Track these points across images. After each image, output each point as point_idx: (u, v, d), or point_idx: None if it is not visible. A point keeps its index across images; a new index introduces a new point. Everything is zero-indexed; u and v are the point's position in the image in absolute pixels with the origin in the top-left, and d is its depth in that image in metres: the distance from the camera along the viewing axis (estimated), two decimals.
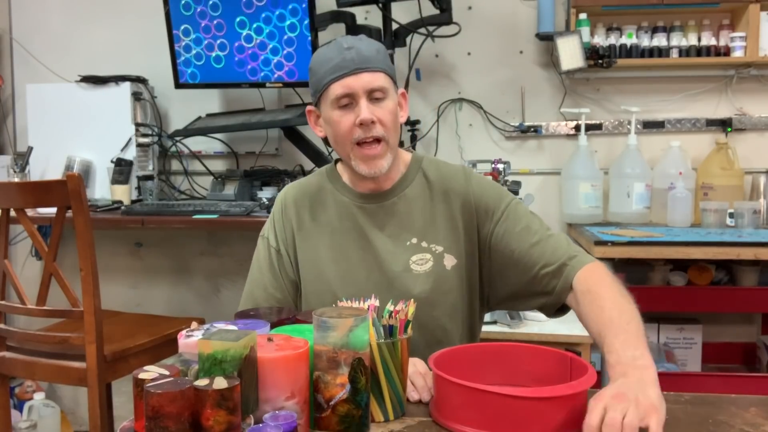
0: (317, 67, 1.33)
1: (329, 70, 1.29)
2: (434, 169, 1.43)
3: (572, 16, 2.57)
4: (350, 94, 1.29)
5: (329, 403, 0.95)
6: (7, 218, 2.03)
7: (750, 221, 2.41)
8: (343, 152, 1.35)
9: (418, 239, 1.37)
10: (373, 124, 1.29)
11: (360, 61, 1.28)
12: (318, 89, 1.33)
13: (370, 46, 1.32)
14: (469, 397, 0.97)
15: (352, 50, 1.29)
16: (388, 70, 1.33)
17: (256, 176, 2.71)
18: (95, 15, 2.99)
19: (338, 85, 1.29)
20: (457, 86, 2.79)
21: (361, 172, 1.33)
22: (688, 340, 2.55)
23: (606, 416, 0.92)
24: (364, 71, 1.29)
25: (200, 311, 2.92)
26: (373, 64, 1.30)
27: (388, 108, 1.31)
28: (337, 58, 1.29)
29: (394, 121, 1.33)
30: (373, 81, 1.29)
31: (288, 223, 1.43)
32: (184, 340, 0.95)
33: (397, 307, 1.07)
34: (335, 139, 1.34)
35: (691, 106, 2.71)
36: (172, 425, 0.77)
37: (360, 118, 1.28)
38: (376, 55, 1.31)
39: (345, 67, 1.28)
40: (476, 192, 1.39)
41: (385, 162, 1.33)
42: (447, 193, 1.40)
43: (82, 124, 2.75)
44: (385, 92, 1.31)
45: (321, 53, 1.34)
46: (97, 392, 1.88)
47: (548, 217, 2.75)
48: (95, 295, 1.88)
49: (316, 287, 1.39)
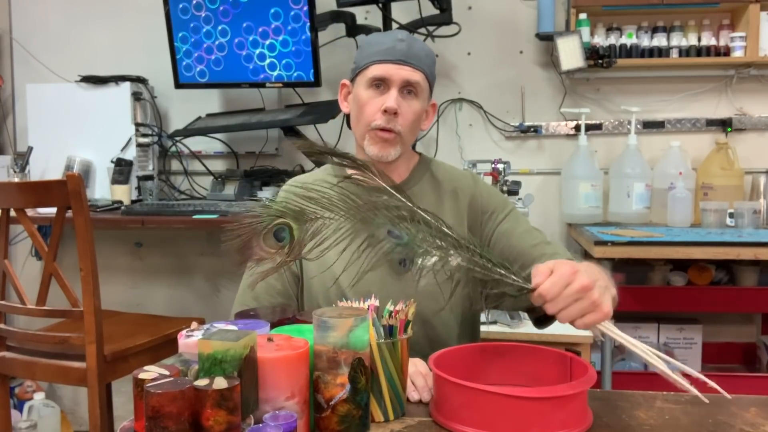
0: (367, 45, 1.38)
1: (376, 52, 1.34)
2: (443, 169, 1.49)
3: (572, 16, 2.57)
4: (385, 79, 1.33)
5: (329, 403, 0.95)
6: (7, 218, 2.03)
7: (750, 221, 2.41)
8: (359, 131, 1.39)
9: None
10: (395, 116, 1.33)
11: (407, 54, 1.33)
12: (359, 66, 1.37)
13: (422, 48, 1.37)
14: (469, 397, 0.97)
15: (404, 42, 1.34)
16: (429, 75, 1.38)
17: (256, 176, 2.71)
18: (95, 15, 2.99)
19: (378, 67, 1.33)
20: (457, 86, 2.79)
21: (369, 153, 1.36)
22: (688, 340, 2.55)
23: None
24: (407, 65, 1.33)
25: (200, 311, 2.92)
26: (417, 62, 1.34)
27: (413, 107, 1.35)
28: (388, 43, 1.34)
29: (415, 121, 1.37)
30: (411, 76, 1.34)
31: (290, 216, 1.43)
32: (184, 340, 0.95)
33: (397, 307, 1.07)
34: (357, 117, 1.38)
35: (691, 106, 2.71)
36: (172, 425, 0.77)
37: (385, 105, 1.32)
38: (423, 57, 1.36)
39: (391, 54, 1.33)
40: (483, 194, 1.45)
41: (393, 150, 1.36)
42: (455, 191, 1.44)
43: (82, 124, 2.75)
44: (418, 92, 1.35)
45: (375, 35, 1.40)
46: (97, 392, 1.88)
47: (548, 217, 2.76)
48: (95, 295, 1.88)
49: (320, 275, 1.39)
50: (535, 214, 2.56)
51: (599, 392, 1.15)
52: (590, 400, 1.06)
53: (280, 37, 2.55)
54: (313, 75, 2.54)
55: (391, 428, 1.01)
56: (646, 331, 2.56)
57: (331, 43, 2.71)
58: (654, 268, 2.52)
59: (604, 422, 1.02)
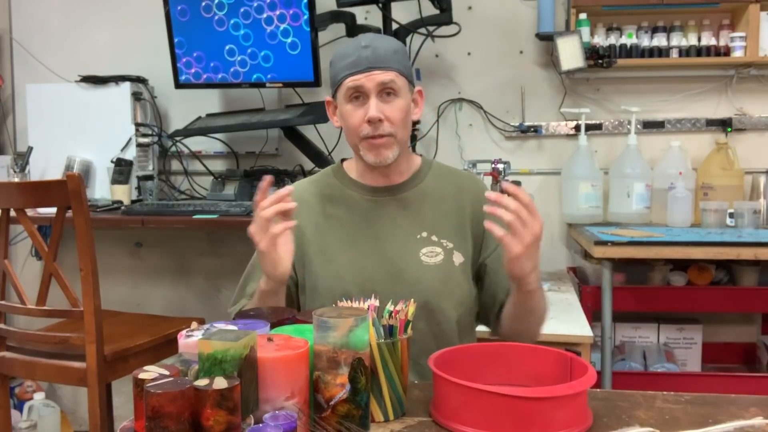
0: (336, 61, 1.38)
1: (345, 66, 1.35)
2: (445, 170, 1.50)
3: (572, 16, 2.57)
4: (360, 89, 1.34)
5: (329, 403, 0.95)
6: (7, 218, 2.03)
7: (750, 221, 2.41)
8: (352, 143, 1.40)
9: (428, 233, 1.41)
10: (381, 122, 1.33)
11: (374, 60, 1.33)
12: (335, 81, 1.38)
13: (388, 46, 1.36)
14: (469, 397, 0.97)
15: (368, 49, 1.33)
16: (403, 69, 1.37)
17: (256, 176, 2.70)
18: (95, 15, 2.99)
19: (350, 80, 1.34)
20: (457, 86, 2.79)
21: (368, 161, 1.38)
22: (688, 340, 2.55)
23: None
24: (377, 70, 1.33)
25: (200, 311, 2.92)
26: (386, 64, 1.34)
27: (397, 106, 1.35)
28: (353, 55, 1.34)
29: (404, 118, 1.37)
30: (383, 78, 1.33)
31: (296, 218, 1.43)
32: (184, 340, 0.95)
33: (397, 307, 1.07)
34: (346, 131, 1.40)
35: (691, 106, 2.71)
36: (172, 425, 0.77)
37: (368, 115, 1.33)
38: (392, 56, 1.35)
39: (359, 65, 1.33)
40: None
41: (390, 153, 1.36)
42: (459, 191, 1.45)
43: (82, 124, 2.75)
44: (397, 91, 1.35)
45: (341, 49, 1.39)
46: (97, 392, 1.88)
47: (548, 217, 2.76)
48: (95, 295, 1.88)
49: (325, 275, 1.40)
50: None
51: (599, 392, 1.15)
52: (590, 400, 1.06)
53: (280, 36, 2.55)
54: (313, 75, 2.54)
55: (391, 428, 1.01)
56: (646, 331, 2.56)
57: (331, 43, 2.71)
58: (654, 268, 2.51)
59: (604, 422, 1.02)
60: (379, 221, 1.41)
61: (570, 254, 2.79)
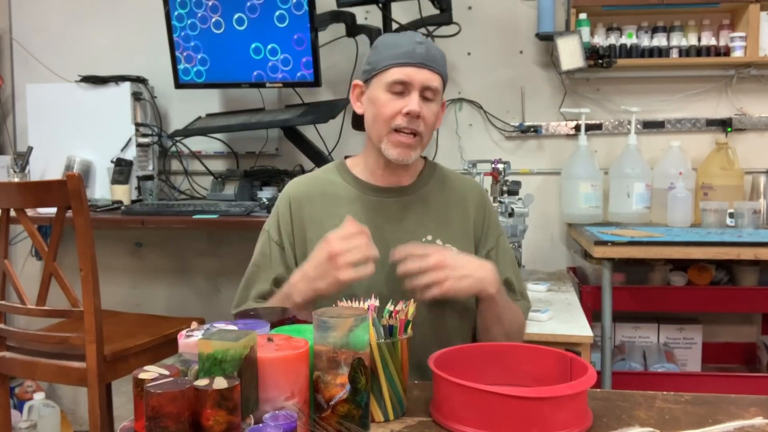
0: (383, 47, 1.38)
1: (396, 55, 1.34)
2: (450, 174, 1.51)
3: (572, 16, 2.57)
4: (407, 83, 1.34)
5: (329, 403, 0.95)
6: (7, 218, 2.03)
7: (750, 221, 2.41)
8: (376, 133, 1.38)
9: (433, 237, 1.41)
10: (418, 118, 1.34)
11: (427, 57, 1.34)
12: (375, 68, 1.37)
13: (438, 51, 1.39)
14: (469, 397, 0.97)
15: (423, 45, 1.35)
16: (445, 77, 1.39)
17: (256, 176, 2.71)
18: (95, 15, 2.99)
19: (399, 70, 1.33)
20: (457, 86, 2.79)
21: (389, 156, 1.37)
22: (688, 340, 2.55)
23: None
24: (428, 68, 1.34)
25: (200, 311, 2.92)
26: (436, 66, 1.36)
27: (432, 110, 1.37)
28: (407, 46, 1.34)
29: (434, 123, 1.39)
30: (431, 80, 1.35)
31: (297, 218, 1.43)
32: (184, 340, 0.95)
33: (397, 307, 1.07)
34: (374, 119, 1.38)
35: (691, 106, 2.71)
36: (172, 425, 0.77)
37: (409, 108, 1.33)
38: (441, 60, 1.38)
39: (412, 57, 1.33)
40: (488, 207, 1.50)
41: (414, 154, 1.37)
42: (463, 195, 1.47)
43: (82, 124, 2.75)
44: (436, 95, 1.37)
45: (392, 37, 1.40)
46: (97, 392, 1.88)
47: (548, 217, 2.76)
48: (95, 295, 1.88)
49: None
50: (535, 214, 2.56)
51: (599, 392, 1.15)
52: (590, 400, 1.06)
53: (280, 36, 2.55)
54: (313, 75, 2.54)
55: (391, 428, 1.01)
56: (646, 331, 2.56)
57: (331, 43, 2.71)
58: (654, 268, 2.51)
59: (604, 422, 1.02)
60: (385, 222, 1.41)
61: (570, 254, 2.79)
